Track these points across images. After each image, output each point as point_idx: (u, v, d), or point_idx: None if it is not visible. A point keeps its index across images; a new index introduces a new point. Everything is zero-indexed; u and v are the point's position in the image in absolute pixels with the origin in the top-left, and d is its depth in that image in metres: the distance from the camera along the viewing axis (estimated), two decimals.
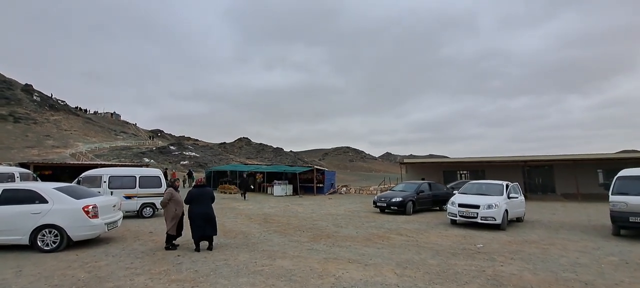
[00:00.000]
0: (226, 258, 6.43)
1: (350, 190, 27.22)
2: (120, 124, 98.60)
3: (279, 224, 10.90)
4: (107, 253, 6.67)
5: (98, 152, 50.93)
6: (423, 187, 14.69)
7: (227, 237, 8.46)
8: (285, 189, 23.31)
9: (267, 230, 9.69)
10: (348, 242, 8.27)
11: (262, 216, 12.65)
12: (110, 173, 11.68)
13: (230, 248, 7.36)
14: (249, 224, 10.73)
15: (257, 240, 8.26)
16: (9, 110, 67.07)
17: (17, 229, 6.56)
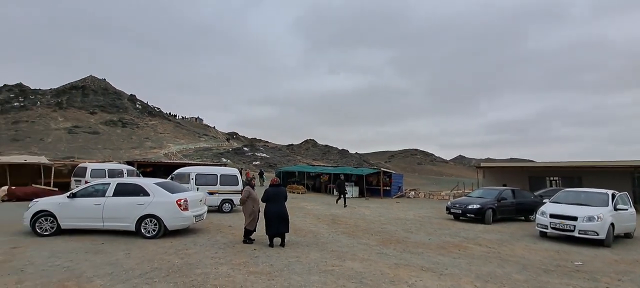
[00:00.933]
0: (298, 256, 6.67)
1: (419, 194, 26.06)
2: (203, 127, 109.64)
3: (347, 226, 10.93)
4: (195, 243, 7.44)
5: (185, 152, 57.35)
6: (505, 193, 13.32)
7: (297, 235, 8.77)
8: (351, 191, 23.31)
9: (335, 231, 9.80)
10: (420, 248, 7.92)
11: (329, 217, 12.83)
12: (197, 171, 13.05)
13: (301, 246, 7.62)
14: (317, 224, 10.98)
15: (326, 240, 8.39)
16: (119, 116, 79.54)
17: (126, 217, 7.73)
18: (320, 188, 26.45)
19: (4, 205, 13.91)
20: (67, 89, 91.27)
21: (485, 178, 24.79)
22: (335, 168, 30.28)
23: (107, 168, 17.20)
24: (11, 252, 6.28)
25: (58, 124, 67.04)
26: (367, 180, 23.99)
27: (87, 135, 62.62)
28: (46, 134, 59.71)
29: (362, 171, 25.34)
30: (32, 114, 70.91)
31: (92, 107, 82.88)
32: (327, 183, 25.97)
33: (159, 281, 4.93)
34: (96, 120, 75.04)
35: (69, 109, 79.12)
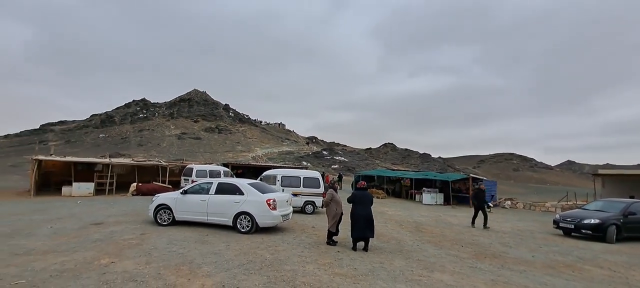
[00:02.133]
0: (382, 262, 6.56)
1: (516, 204, 23.12)
2: (285, 132, 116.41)
3: (433, 235, 10.32)
4: (283, 241, 7.93)
5: (270, 156, 61.68)
6: (635, 207, 10.93)
7: (380, 241, 8.62)
8: (435, 198, 21.95)
9: (420, 239, 9.35)
10: (521, 265, 7.02)
11: (412, 224, 12.30)
12: (283, 173, 13.91)
13: (384, 252, 7.47)
14: (400, 231, 10.63)
15: (411, 248, 8.06)
16: (216, 124, 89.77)
17: (225, 213, 8.66)
18: (401, 193, 25.57)
19: (134, 199, 16.92)
20: (177, 101, 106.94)
21: (604, 188, 20.72)
22: (417, 172, 28.94)
23: (208, 169, 19.59)
24: (141, 237, 7.61)
25: (170, 131, 79.07)
26: (453, 187, 22.30)
27: (191, 140, 72.30)
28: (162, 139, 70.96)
29: (448, 177, 23.67)
30: (152, 123, 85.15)
31: (196, 116, 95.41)
32: (408, 189, 24.98)
33: (253, 273, 5.39)
34: (198, 127, 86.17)
35: (178, 118, 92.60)
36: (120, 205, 13.96)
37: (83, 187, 17.77)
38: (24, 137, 71.36)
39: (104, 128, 79.62)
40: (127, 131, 76.75)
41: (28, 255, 5.86)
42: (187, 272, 5.26)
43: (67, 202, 14.72)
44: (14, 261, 5.48)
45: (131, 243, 6.96)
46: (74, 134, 74.06)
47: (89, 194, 17.71)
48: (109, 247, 6.64)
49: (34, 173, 17.82)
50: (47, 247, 6.50)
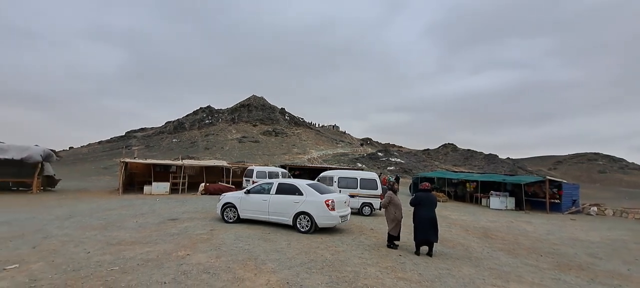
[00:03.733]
0: (449, 268, 6.16)
1: (604, 210, 20.15)
2: (339, 134, 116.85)
3: (505, 242, 9.45)
4: (342, 241, 7.90)
5: (325, 158, 62.36)
6: None
7: (444, 246, 8.14)
8: (505, 202, 20.11)
9: (490, 246, 8.61)
10: (616, 279, 6.08)
11: (480, 230, 11.41)
12: (339, 174, 13.92)
13: (450, 258, 7.02)
14: (466, 236, 9.92)
15: (480, 256, 7.46)
16: (272, 127, 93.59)
17: (285, 213, 8.92)
18: (464, 196, 23.93)
19: (203, 198, 18.32)
20: (238, 107, 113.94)
21: None
22: (482, 175, 26.85)
23: (267, 170, 20.44)
24: (211, 233, 8.18)
25: (232, 135, 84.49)
26: (527, 191, 20.21)
27: (251, 143, 76.39)
28: (225, 143, 76.12)
29: (519, 179, 21.54)
30: (216, 128, 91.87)
31: (254, 120, 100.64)
32: (473, 192, 23.30)
33: (315, 272, 5.44)
34: (257, 131, 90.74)
35: (239, 123, 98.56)
36: (191, 203, 15.21)
37: (160, 187, 19.75)
38: (113, 143, 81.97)
39: (176, 133, 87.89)
40: (195, 136, 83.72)
41: (119, 245, 6.65)
42: (253, 268, 5.50)
43: (148, 199, 16.48)
44: (109, 250, 6.25)
45: (203, 238, 7.51)
46: (152, 139, 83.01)
47: (165, 193, 19.63)
48: (184, 240, 7.24)
49: (122, 174, 20.31)
50: (133, 238, 7.32)
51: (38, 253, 5.82)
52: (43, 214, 10.30)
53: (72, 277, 4.71)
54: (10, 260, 5.37)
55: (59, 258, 5.57)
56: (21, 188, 18.26)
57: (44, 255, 5.75)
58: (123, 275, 4.83)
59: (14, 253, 5.80)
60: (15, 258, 5.45)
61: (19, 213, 10.27)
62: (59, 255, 5.77)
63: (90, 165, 49.12)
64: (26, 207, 12.04)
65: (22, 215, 9.91)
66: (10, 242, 6.59)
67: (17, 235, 7.17)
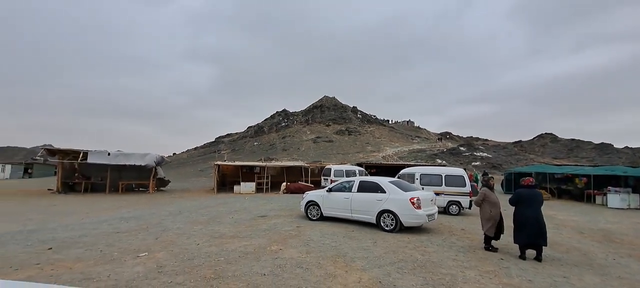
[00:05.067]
0: (565, 275, 5.33)
1: None
2: (414, 130, 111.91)
3: (634, 247, 7.82)
4: (431, 242, 7.48)
5: (400, 155, 60.33)
6: None
7: (554, 251, 7.08)
8: (627, 200, 16.70)
9: (616, 252, 7.21)
10: None
11: (598, 232, 9.66)
12: (422, 171, 13.27)
13: (565, 264, 6.07)
14: (581, 240, 8.49)
15: (605, 262, 6.29)
16: (345, 126, 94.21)
17: (368, 211, 8.83)
18: (573, 194, 20.61)
19: (285, 196, 19.34)
20: (311, 108, 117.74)
21: None
22: (595, 168, 22.79)
23: (344, 169, 20.62)
24: (298, 230, 8.54)
25: (307, 136, 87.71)
26: None
27: (325, 143, 78.18)
28: (300, 144, 79.42)
29: None
30: (291, 130, 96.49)
31: (327, 120, 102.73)
32: (584, 189, 19.93)
33: (407, 272, 5.23)
34: (330, 131, 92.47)
35: (313, 124, 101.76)
36: (276, 201, 16.18)
37: (248, 186, 21.49)
38: (205, 148, 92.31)
39: (257, 137, 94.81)
40: (274, 138, 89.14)
41: (221, 238, 7.38)
42: (343, 265, 5.55)
43: (238, 198, 18.07)
44: (214, 242, 6.99)
45: (291, 235, 7.89)
46: (237, 143, 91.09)
47: (252, 192, 21.29)
48: (275, 236, 7.71)
49: (216, 175, 22.70)
50: (232, 232, 8.06)
51: (160, 244, 6.81)
52: (159, 210, 12.07)
53: (188, 265, 5.37)
54: (141, 249, 6.39)
55: (176, 248, 6.43)
56: (141, 188, 21.75)
57: (164, 245, 6.70)
58: (228, 266, 5.34)
59: (143, 243, 6.89)
60: (144, 248, 6.47)
61: (142, 210, 12.22)
62: (176, 246, 6.65)
63: (190, 168, 56.09)
64: (146, 204, 14.27)
65: (144, 211, 11.77)
66: (139, 233, 7.86)
67: (143, 228, 8.51)
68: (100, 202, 15.12)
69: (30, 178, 42.08)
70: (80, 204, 14.00)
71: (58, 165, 20.64)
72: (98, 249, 6.31)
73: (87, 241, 6.97)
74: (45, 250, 6.19)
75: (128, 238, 7.34)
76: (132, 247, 6.53)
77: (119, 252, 6.09)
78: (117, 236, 7.53)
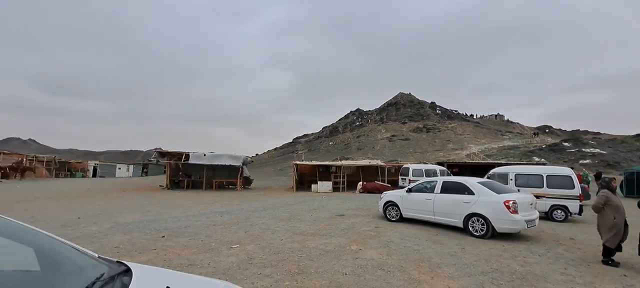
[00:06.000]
0: None
1: None
2: (504, 124, 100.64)
3: None
4: (531, 251, 6.59)
5: (488, 152, 54.84)
6: None
7: None
8: None
9: None
10: None
11: None
12: (516, 170, 11.82)
13: None
14: None
15: None
16: (423, 123, 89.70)
17: (454, 213, 8.19)
18: None
19: (361, 196, 19.26)
20: (386, 106, 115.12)
21: None
22: None
23: (423, 168, 19.61)
24: (377, 230, 8.39)
25: (382, 135, 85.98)
26: None
27: (401, 141, 75.57)
28: (375, 143, 78.26)
29: None
30: (366, 129, 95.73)
31: (403, 118, 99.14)
32: None
33: (504, 284, 4.68)
34: (407, 129, 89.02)
35: (388, 122, 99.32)
36: (352, 200, 16.21)
37: (324, 185, 22.01)
38: (284, 149, 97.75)
39: (332, 137, 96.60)
40: (348, 138, 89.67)
41: (302, 235, 7.68)
42: (428, 270, 5.24)
43: (316, 196, 18.63)
44: (296, 239, 7.31)
45: (370, 235, 7.79)
46: (312, 143, 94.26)
47: (328, 191, 21.74)
48: (354, 235, 7.70)
49: (294, 174, 23.81)
50: (312, 230, 8.31)
51: (249, 237, 7.40)
52: (246, 206, 13.16)
53: (275, 258, 5.71)
54: (233, 241, 7.02)
55: (263, 242, 6.91)
56: (230, 186, 24.05)
57: (253, 239, 7.25)
58: (310, 262, 5.51)
59: (235, 236, 7.57)
60: (236, 240, 7.10)
61: (232, 206, 13.48)
62: (262, 240, 7.14)
63: (271, 167, 60.06)
64: (235, 200, 15.71)
65: (234, 207, 12.96)
66: (231, 227, 8.66)
67: (234, 222, 9.37)
68: (198, 197, 17.18)
69: (147, 176, 50.12)
70: (184, 199, 16.11)
71: (166, 165, 24.13)
72: (199, 239, 7.15)
73: (190, 231, 7.96)
74: (159, 238, 7.26)
75: (222, 230, 8.15)
76: (226, 238, 7.23)
77: (216, 243, 6.80)
78: (213, 228, 8.43)
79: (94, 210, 11.59)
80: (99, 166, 47.55)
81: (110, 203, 13.77)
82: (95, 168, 46.18)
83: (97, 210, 11.60)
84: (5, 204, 12.94)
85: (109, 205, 12.91)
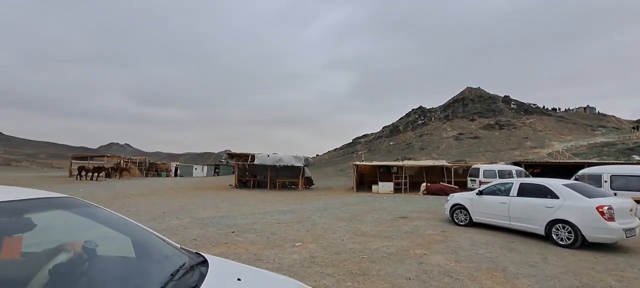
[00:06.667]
0: None
1: None
2: (596, 118, 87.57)
3: None
4: (631, 265, 5.62)
5: (575, 151, 48.22)
6: None
7: None
8: None
9: None
10: None
11: None
12: (612, 171, 10.17)
13: None
14: None
15: None
16: (495, 119, 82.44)
17: (534, 219, 7.36)
18: None
19: (425, 198, 18.42)
20: (451, 103, 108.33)
21: None
22: None
23: (497, 169, 18.00)
24: (443, 235, 7.95)
25: (447, 133, 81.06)
26: None
27: (469, 140, 70.37)
28: (440, 142, 74.11)
29: None
30: (429, 128, 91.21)
31: (471, 114, 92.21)
32: None
33: None
34: (476, 126, 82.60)
35: (454, 119, 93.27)
36: (415, 202, 15.58)
37: (385, 186, 21.54)
38: (343, 149, 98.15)
39: (392, 136, 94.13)
40: (410, 137, 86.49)
41: (363, 236, 7.62)
42: (503, 280, 4.80)
43: (376, 197, 18.33)
44: (357, 240, 7.28)
45: (436, 239, 7.41)
46: (372, 143, 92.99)
47: (389, 192, 21.22)
48: (418, 239, 7.39)
49: (355, 174, 23.75)
50: (373, 232, 8.20)
51: (311, 236, 7.59)
52: (308, 206, 13.52)
53: (336, 258, 5.77)
54: (296, 239, 7.27)
55: (324, 242, 7.03)
56: (293, 186, 24.93)
57: (314, 238, 7.42)
58: (372, 264, 5.44)
59: (297, 234, 7.83)
60: (299, 238, 7.34)
61: (294, 205, 13.97)
62: (324, 239, 7.27)
63: (331, 168, 60.78)
64: (297, 200, 16.24)
65: (296, 206, 13.41)
66: (294, 225, 8.98)
67: (297, 221, 9.70)
68: (263, 196, 18.15)
69: (218, 176, 54.53)
70: (250, 198, 17.17)
71: (235, 165, 25.98)
72: (265, 236, 7.55)
73: (257, 228, 8.46)
74: (230, 233, 7.85)
75: (285, 228, 8.49)
76: (289, 236, 7.52)
77: (280, 240, 7.11)
78: (277, 226, 8.83)
79: (176, 205, 12.99)
80: (179, 167, 53.20)
81: (188, 200, 15.29)
82: (176, 168, 51.74)
83: (178, 206, 12.98)
84: (109, 199, 15.20)
85: (187, 202, 14.35)
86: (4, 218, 1.45)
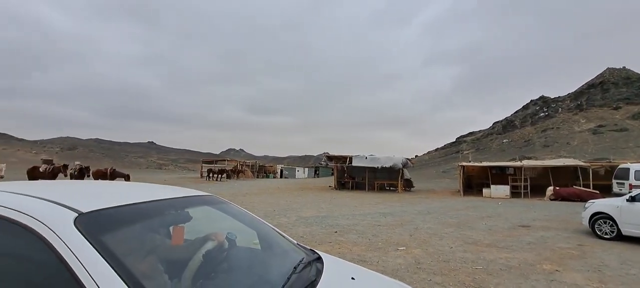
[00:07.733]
0: None
1: None
2: None
3: None
4: None
5: None
6: None
7: None
8: None
9: None
10: None
11: None
12: None
13: None
14: None
15: None
16: None
17: None
18: None
19: (552, 204, 15.64)
20: (585, 89, 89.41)
21: None
22: None
23: None
24: (580, 249, 6.61)
25: (580, 126, 67.01)
26: None
27: (613, 133, 56.73)
28: (571, 137, 61.76)
29: None
30: (555, 121, 76.96)
31: (615, 101, 74.26)
32: None
33: None
34: (621, 115, 66.10)
35: (589, 108, 76.59)
36: (539, 209, 13.38)
37: (500, 189, 19.11)
38: (446, 149, 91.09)
39: (506, 133, 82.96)
40: (529, 133, 74.78)
41: (476, 245, 6.92)
42: None
43: (489, 202, 16.41)
44: (468, 248, 6.66)
45: (570, 254, 6.22)
46: (480, 142, 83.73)
47: (505, 196, 18.73)
48: (546, 252, 6.33)
49: (461, 176, 21.79)
50: (487, 240, 7.38)
51: (414, 241, 7.29)
52: (409, 209, 13.02)
53: (444, 266, 5.40)
54: (399, 243, 7.09)
55: (430, 248, 6.66)
56: (391, 188, 24.39)
57: (418, 243, 7.10)
58: (489, 277, 4.90)
59: (400, 238, 7.62)
60: (402, 242, 7.14)
61: (394, 207, 13.64)
62: (429, 245, 6.89)
63: (432, 169, 57.23)
64: (397, 202, 15.81)
65: (397, 209, 13.07)
66: (396, 228, 8.78)
67: (398, 224, 9.45)
68: (362, 197, 18.26)
69: (318, 177, 57.35)
70: (349, 199, 17.50)
71: (334, 167, 26.89)
72: (367, 238, 7.59)
73: (358, 229, 8.57)
74: (333, 232, 8.17)
75: (387, 231, 8.37)
76: (392, 240, 7.38)
77: (382, 243, 7.05)
78: (379, 228, 8.77)
79: (283, 204, 14.20)
80: (284, 169, 58.03)
81: (293, 199, 16.53)
82: (281, 170, 56.60)
83: (285, 204, 14.16)
84: (230, 197, 17.62)
85: (292, 201, 15.52)
86: (173, 212, 1.85)
